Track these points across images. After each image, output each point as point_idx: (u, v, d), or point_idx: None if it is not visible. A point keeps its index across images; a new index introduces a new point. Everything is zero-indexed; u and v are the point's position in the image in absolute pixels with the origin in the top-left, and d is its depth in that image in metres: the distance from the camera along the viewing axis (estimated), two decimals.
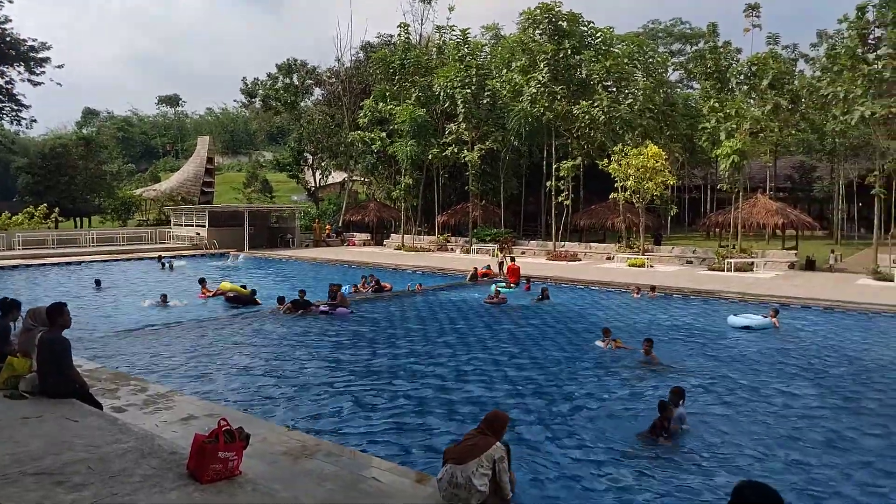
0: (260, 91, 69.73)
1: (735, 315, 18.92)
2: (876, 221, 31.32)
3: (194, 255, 40.61)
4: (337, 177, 67.46)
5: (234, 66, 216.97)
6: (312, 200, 62.96)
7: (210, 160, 70.57)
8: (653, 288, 24.11)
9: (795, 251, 34.34)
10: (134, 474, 5.66)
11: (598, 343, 15.13)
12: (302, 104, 63.30)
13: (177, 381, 11.97)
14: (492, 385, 12.12)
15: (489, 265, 30.91)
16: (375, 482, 6.76)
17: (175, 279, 28.80)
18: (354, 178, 60.05)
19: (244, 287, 22.84)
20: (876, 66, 29.32)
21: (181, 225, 47.84)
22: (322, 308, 19.24)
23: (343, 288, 23.92)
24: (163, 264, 32.76)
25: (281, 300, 20.13)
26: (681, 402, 9.74)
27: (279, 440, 7.99)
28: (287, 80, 62.97)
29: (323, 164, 60.12)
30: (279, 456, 7.45)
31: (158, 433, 7.82)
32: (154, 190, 69.96)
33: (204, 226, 44.75)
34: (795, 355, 14.75)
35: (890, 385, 12.46)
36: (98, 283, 25.73)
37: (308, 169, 61.91)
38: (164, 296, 21.17)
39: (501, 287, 24.24)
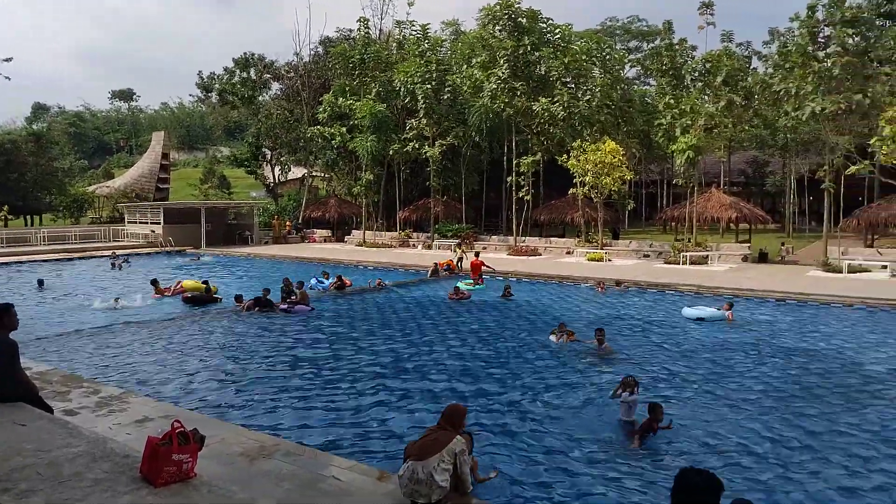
0: (216, 85, 68.40)
1: (690, 307, 19.36)
2: (826, 215, 32.25)
3: (149, 254, 39.78)
4: (296, 172, 66.74)
5: (190, 60, 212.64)
6: (271, 196, 62.15)
7: (165, 156, 69.18)
8: (618, 283, 24.42)
9: (749, 244, 35.21)
10: (84, 479, 5.52)
11: (551, 338, 15.18)
12: (260, 99, 62.39)
13: (131, 382, 11.73)
14: (453, 380, 12.15)
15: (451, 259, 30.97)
16: (335, 481, 6.73)
17: (127, 278, 28.17)
18: (314, 173, 59.46)
19: (206, 284, 22.52)
20: (826, 63, 30.14)
21: (135, 222, 46.82)
22: (282, 306, 19.01)
23: (311, 283, 23.89)
24: (112, 264, 31.80)
25: (238, 298, 19.87)
26: (635, 391, 9.80)
27: (237, 441, 7.90)
28: (244, 75, 61.93)
29: (282, 159, 59.37)
30: (236, 457, 7.36)
31: (111, 436, 7.64)
32: (107, 187, 68.28)
33: (159, 223, 43.87)
34: (748, 346, 15.13)
35: (836, 373, 12.86)
36: (41, 283, 25.02)
37: (267, 165, 61.08)
38: (117, 298, 20.70)
39: (467, 284, 24.27)
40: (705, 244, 34.24)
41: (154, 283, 23.17)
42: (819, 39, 31.57)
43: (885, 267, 27.51)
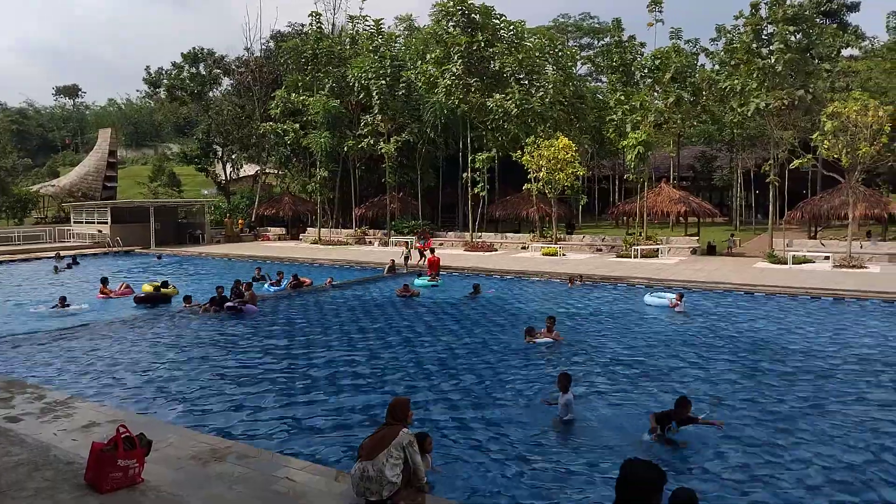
0: (165, 81, 66.94)
1: (650, 294, 20.45)
2: (771, 208, 33.25)
3: (96, 254, 38.69)
4: (249, 170, 65.71)
5: (137, 55, 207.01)
6: (223, 194, 61.08)
7: (112, 153, 67.11)
8: (579, 277, 24.79)
9: (697, 237, 36.07)
10: (25, 488, 5.36)
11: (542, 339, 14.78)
12: (210, 94, 61.23)
13: (78, 386, 11.42)
14: (408, 377, 12.16)
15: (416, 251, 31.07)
16: (289, 482, 6.67)
17: (73, 279, 27.36)
18: (267, 170, 58.64)
19: (165, 284, 22.15)
20: (769, 60, 31.05)
21: (82, 222, 45.48)
22: (229, 304, 18.58)
23: (262, 284, 23.53)
24: (55, 268, 30.57)
25: (187, 299, 19.51)
26: (569, 388, 9.71)
27: (187, 444, 7.76)
28: (193, 70, 60.75)
29: (233, 156, 58.37)
30: (187, 461, 7.23)
31: (56, 443, 7.44)
32: (52, 186, 66.04)
33: (106, 223, 42.72)
34: (697, 335, 15.51)
35: (782, 359, 13.28)
36: None
37: (218, 162, 59.98)
38: (63, 298, 20.08)
39: (425, 281, 24.20)
40: (656, 238, 34.96)
41: (104, 281, 22.60)
42: (763, 37, 32.48)
43: (827, 258, 28.50)
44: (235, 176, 62.33)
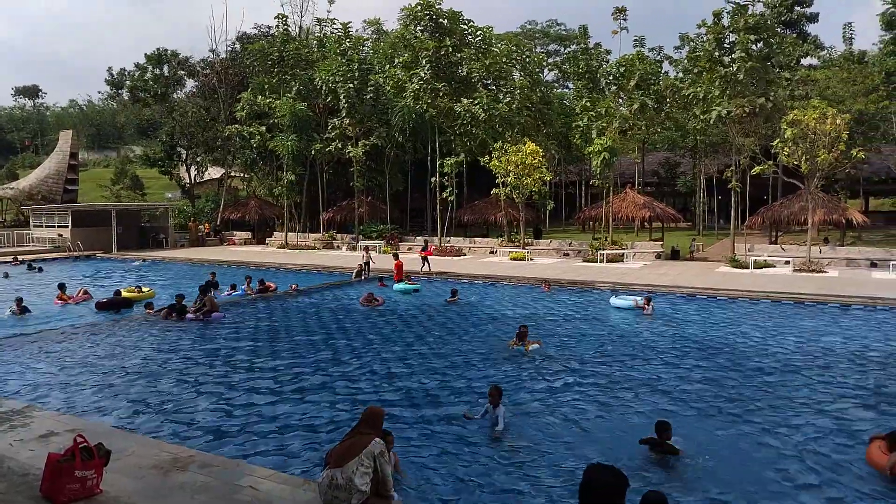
0: (128, 82, 65.83)
1: (616, 297, 20.84)
2: (733, 213, 33.89)
3: (56, 258, 37.77)
4: (214, 173, 64.86)
5: (100, 56, 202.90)
6: (188, 198, 60.17)
7: (74, 156, 65.66)
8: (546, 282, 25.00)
9: (661, 242, 36.60)
10: None
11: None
12: (174, 96, 60.32)
13: (36, 395, 11.11)
14: (376, 385, 12.07)
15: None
16: (253, 491, 6.56)
17: (30, 284, 26.66)
18: (233, 174, 57.94)
19: (139, 288, 21.91)
20: (731, 68, 31.69)
21: (41, 226, 44.35)
22: (189, 315, 18.18)
23: (239, 288, 23.14)
24: (5, 274, 29.50)
25: (149, 306, 19.16)
26: (500, 401, 9.54)
27: (148, 453, 7.59)
28: (157, 71, 59.82)
29: (198, 159, 57.55)
30: (148, 470, 7.07)
31: (11, 454, 7.23)
32: (11, 188, 64.30)
33: (67, 226, 41.74)
34: (664, 340, 15.72)
35: (741, 360, 13.53)
36: None
37: (182, 165, 59.06)
38: (20, 299, 19.54)
39: (405, 287, 23.98)
40: (621, 242, 35.39)
41: (61, 287, 22.08)
42: (725, 45, 33.12)
43: (787, 262, 29.17)
44: (200, 179, 61.45)
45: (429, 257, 29.49)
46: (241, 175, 57.40)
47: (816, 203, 31.07)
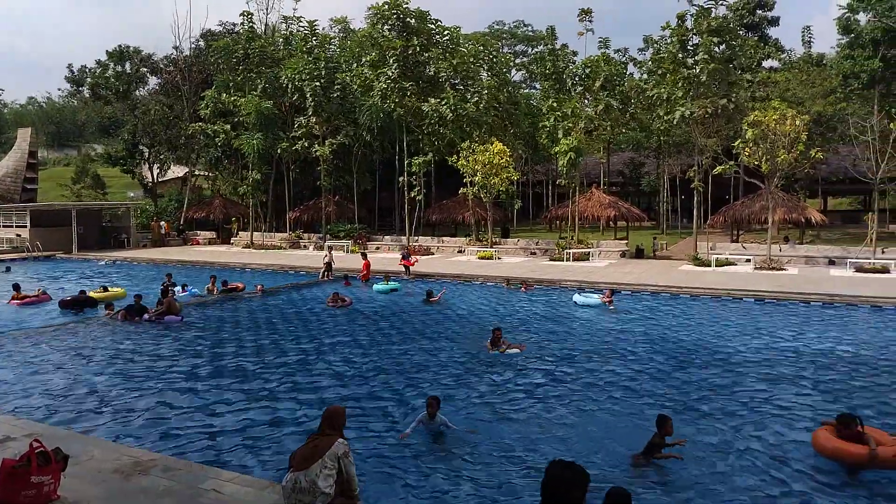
0: (88, 79, 64.36)
1: (579, 294, 21.18)
2: (695, 212, 34.45)
3: (14, 259, 36.77)
4: (178, 171, 63.78)
5: (59, 52, 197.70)
6: (150, 197, 59.08)
7: (33, 154, 63.88)
8: (506, 281, 25.04)
9: (626, 241, 37.06)
10: None
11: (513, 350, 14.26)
12: (136, 94, 59.18)
13: None
14: (341, 386, 12.00)
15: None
16: (216, 494, 6.49)
17: None
18: (197, 172, 57.06)
19: (105, 288, 21.64)
20: (694, 70, 32.21)
21: None
22: (146, 316, 17.80)
23: (188, 289, 22.74)
24: (7, 268, 28.97)
25: (110, 307, 18.79)
26: (437, 412, 9.22)
27: (109, 457, 7.44)
28: (119, 68, 58.60)
29: (161, 157, 56.54)
30: (109, 474, 6.93)
31: None
32: None
33: (25, 226, 40.67)
34: (628, 337, 15.93)
35: (699, 359, 13.79)
36: None
37: (144, 163, 57.97)
38: None
39: (384, 286, 23.82)
40: (587, 241, 35.74)
41: (16, 287, 21.55)
42: (688, 47, 33.66)
43: (748, 260, 29.79)
44: (163, 178, 60.39)
45: (409, 267, 27.87)
46: (206, 174, 56.57)
47: (776, 202, 31.77)
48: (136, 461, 7.34)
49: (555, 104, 38.13)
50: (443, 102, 38.29)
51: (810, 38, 59.13)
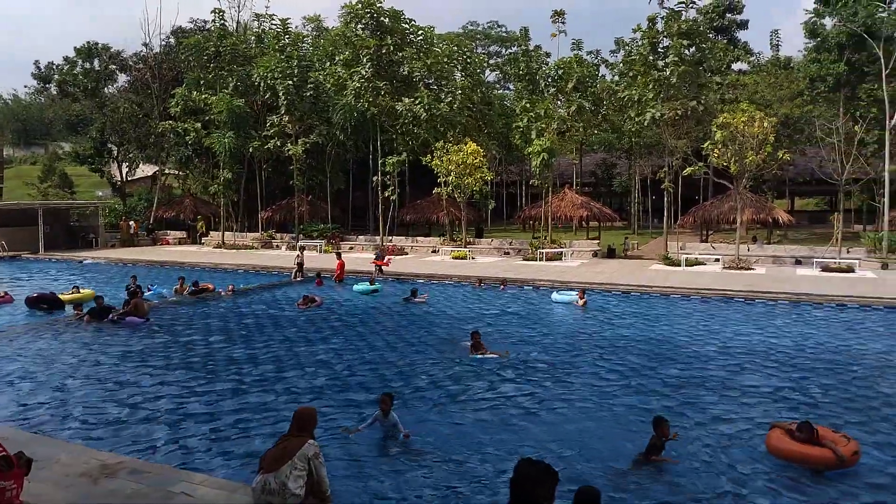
0: (56, 76, 63.12)
1: (557, 293, 21.63)
2: (666, 213, 34.91)
3: None
4: (147, 170, 62.84)
5: (25, 47, 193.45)
6: (119, 196, 58.13)
7: None
8: (478, 281, 25.10)
9: (598, 241, 37.42)
10: None
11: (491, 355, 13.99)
12: (105, 91, 58.16)
13: None
14: (312, 387, 11.95)
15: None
16: (186, 497, 6.44)
17: None
18: (167, 171, 56.29)
19: (76, 288, 21.41)
20: (664, 72, 32.63)
21: None
22: (111, 317, 17.51)
23: (153, 289, 22.42)
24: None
25: (78, 307, 18.49)
26: (391, 409, 9.15)
27: (76, 461, 7.34)
28: (87, 65, 57.51)
29: (130, 156, 55.64)
30: (76, 478, 6.84)
31: None
32: None
33: None
34: (597, 337, 16.09)
35: (673, 356, 13.99)
36: None
37: (113, 162, 57.02)
38: None
39: (365, 287, 23.68)
40: (560, 241, 36.00)
41: None
42: (659, 50, 34.09)
43: (717, 260, 30.25)
44: (132, 177, 59.45)
45: (383, 267, 27.79)
46: (176, 173, 55.82)
47: (745, 203, 32.33)
48: (104, 464, 7.25)
49: (528, 105, 38.34)
50: (417, 102, 38.27)
51: (778, 41, 60.27)
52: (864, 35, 33.82)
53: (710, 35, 49.50)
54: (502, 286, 24.43)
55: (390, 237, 40.46)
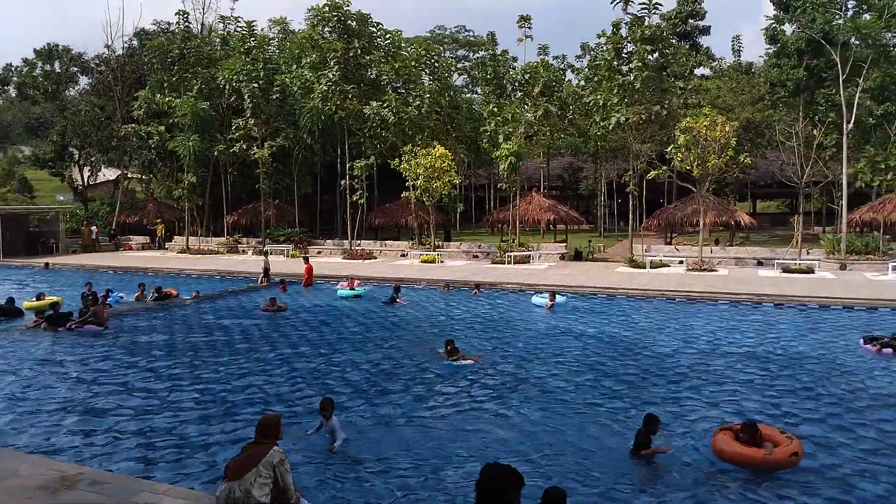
0: (14, 78, 61.76)
1: (538, 295, 21.98)
2: (631, 216, 35.40)
3: None
4: (110, 174, 61.71)
5: None
6: (81, 201, 56.96)
7: None
8: (446, 286, 25.17)
9: (565, 244, 37.78)
10: None
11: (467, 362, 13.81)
12: (66, 93, 57.02)
13: None
14: (278, 394, 11.83)
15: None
16: None
17: None
18: (130, 175, 55.31)
19: (40, 297, 20.86)
20: (629, 77, 33.09)
21: None
22: (69, 324, 17.13)
23: (112, 295, 21.90)
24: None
25: (39, 314, 18.04)
26: (332, 413, 9.15)
27: (34, 472, 7.17)
28: (47, 67, 56.38)
29: (92, 159, 54.57)
30: (34, 490, 6.68)
31: None
32: None
33: None
34: (565, 339, 16.25)
35: (637, 356, 14.20)
36: None
37: (75, 166, 55.87)
38: None
39: (348, 293, 23.43)
40: (528, 244, 36.26)
41: None
42: (623, 55, 34.54)
43: (681, 262, 30.76)
44: (94, 181, 58.33)
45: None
46: (139, 176, 54.91)
47: (708, 206, 32.94)
48: (63, 475, 7.09)
49: (495, 109, 38.57)
50: (385, 106, 38.22)
51: (740, 47, 61.69)
52: (822, 41, 34.74)
53: (674, 40, 50.51)
54: (476, 291, 24.39)
55: (359, 241, 40.31)
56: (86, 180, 56.31)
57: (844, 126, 32.56)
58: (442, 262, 34.35)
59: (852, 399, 11.29)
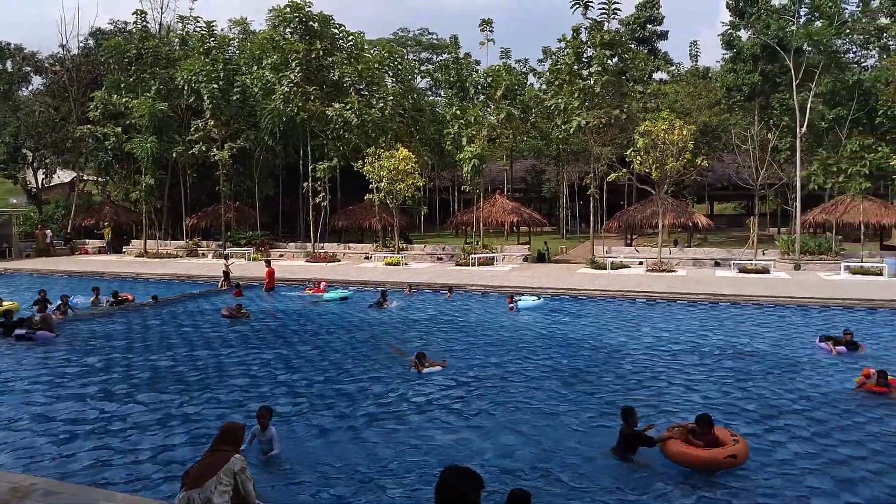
0: None
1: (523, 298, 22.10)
2: (592, 218, 35.85)
3: None
4: (65, 176, 60.11)
5: None
6: (35, 203, 55.38)
7: None
8: (407, 288, 25.15)
9: (528, 245, 38.07)
10: None
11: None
12: (19, 94, 55.35)
13: None
14: (237, 399, 11.70)
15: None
16: None
17: None
18: (86, 177, 53.96)
19: None
20: (589, 81, 33.53)
21: None
22: (18, 332, 16.54)
23: (69, 300, 21.35)
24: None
25: None
26: (269, 422, 8.96)
27: None
28: None
29: (46, 161, 53.11)
30: None
31: None
32: None
33: None
34: (528, 339, 16.39)
35: (598, 356, 14.40)
36: None
37: (29, 168, 54.29)
38: None
39: (334, 295, 23.08)
40: (492, 246, 36.46)
41: None
42: (583, 59, 34.99)
43: (641, 263, 31.26)
44: (49, 183, 56.76)
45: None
46: (95, 179, 53.62)
47: (666, 207, 33.54)
48: (15, 487, 6.90)
49: (459, 112, 38.69)
50: (348, 107, 38.02)
51: (697, 52, 62.87)
52: (777, 47, 35.67)
53: (632, 45, 51.28)
54: (449, 294, 24.11)
55: (322, 244, 40.01)
56: (40, 183, 54.77)
57: (798, 130, 33.47)
58: (406, 264, 34.30)
59: (803, 398, 11.60)
